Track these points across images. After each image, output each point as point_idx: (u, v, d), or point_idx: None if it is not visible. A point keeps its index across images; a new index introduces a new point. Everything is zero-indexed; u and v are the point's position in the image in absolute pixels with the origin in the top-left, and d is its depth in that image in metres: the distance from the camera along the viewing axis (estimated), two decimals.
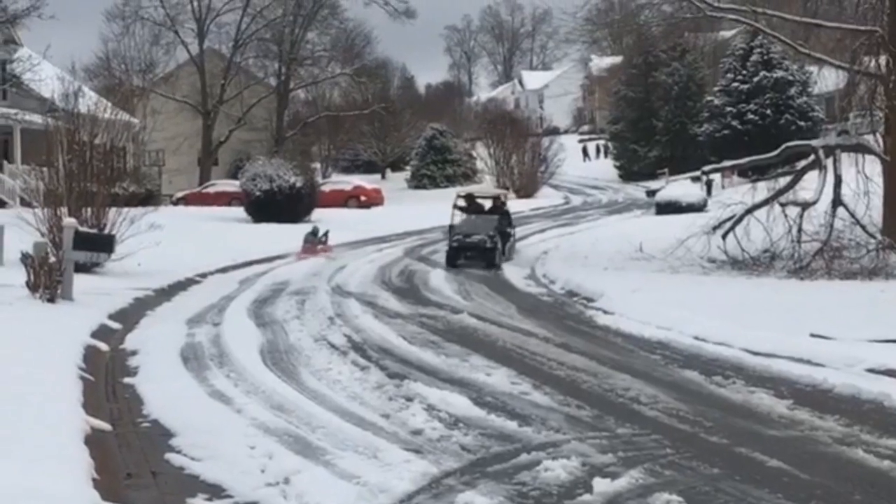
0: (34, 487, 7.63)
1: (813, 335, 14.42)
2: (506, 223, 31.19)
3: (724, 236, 24.97)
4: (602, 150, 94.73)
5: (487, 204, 33.04)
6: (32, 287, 19.23)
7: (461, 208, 32.04)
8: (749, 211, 25.10)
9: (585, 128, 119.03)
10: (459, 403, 11.28)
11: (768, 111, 60.11)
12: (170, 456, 9.76)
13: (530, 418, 10.64)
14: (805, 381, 12.22)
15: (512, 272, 26.62)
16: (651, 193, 54.34)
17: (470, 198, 33.36)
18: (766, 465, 8.79)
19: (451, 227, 30.16)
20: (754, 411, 10.90)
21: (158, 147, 66.96)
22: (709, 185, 49.73)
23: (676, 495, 7.84)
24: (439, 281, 24.82)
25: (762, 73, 60.90)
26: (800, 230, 23.76)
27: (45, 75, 40.99)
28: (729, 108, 61.54)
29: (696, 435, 9.96)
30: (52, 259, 19.85)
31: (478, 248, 28.58)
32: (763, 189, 25.70)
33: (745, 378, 12.49)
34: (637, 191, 66.56)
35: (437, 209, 53.56)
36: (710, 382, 12.38)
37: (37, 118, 39.51)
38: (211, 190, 60.30)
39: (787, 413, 10.80)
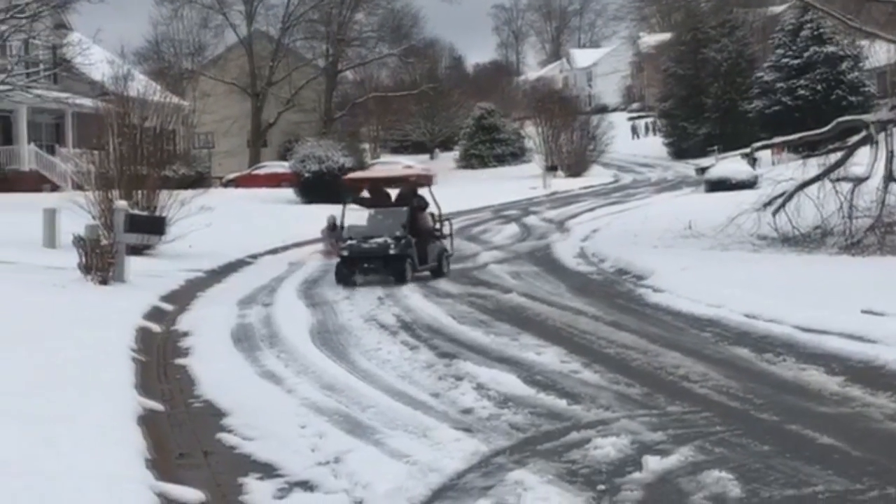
0: (89, 467, 7.73)
1: (865, 311, 14.27)
2: (427, 218, 23.13)
3: (774, 213, 24.76)
4: (651, 127, 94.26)
5: (398, 192, 23.75)
6: (85, 269, 19.47)
7: (360, 201, 23.39)
8: (800, 187, 24.85)
9: (634, 105, 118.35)
10: (509, 382, 11.29)
11: (819, 87, 59.52)
12: (222, 436, 9.85)
13: (580, 397, 10.64)
14: (857, 358, 12.10)
15: (562, 251, 26.55)
16: (701, 171, 53.96)
17: (371, 185, 24.04)
18: (818, 443, 8.74)
19: (340, 226, 22.79)
20: (805, 388, 10.83)
21: (208, 130, 67.34)
22: (754, 161, 49.34)
23: (727, 472, 7.81)
24: (489, 260, 24.82)
25: (813, 49, 60.29)
26: (851, 206, 23.51)
27: (95, 59, 41.35)
28: (779, 84, 61.00)
29: (746, 412, 9.91)
30: (105, 242, 20.06)
31: (378, 257, 21.35)
32: (814, 165, 25.42)
33: (796, 355, 12.40)
34: (687, 168, 66.11)
35: (486, 189, 53.71)
36: (760, 360, 12.31)
37: (88, 102, 39.89)
38: (260, 172, 60.55)
39: (838, 390, 10.71)
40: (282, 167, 56.72)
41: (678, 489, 7.64)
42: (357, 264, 21.48)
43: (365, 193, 23.56)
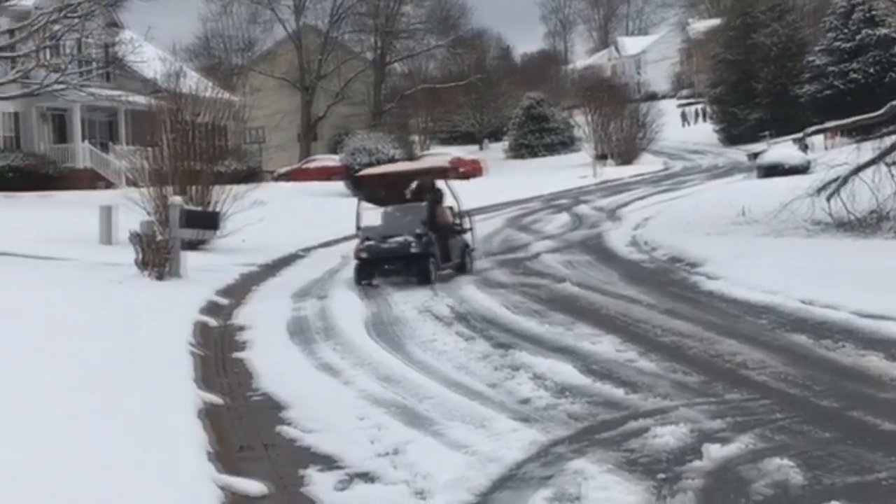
0: (152, 461, 7.83)
1: None
2: (446, 213, 21.86)
3: (829, 198, 24.52)
4: (702, 114, 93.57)
5: (413, 187, 22.25)
6: (142, 265, 19.66)
7: (374, 199, 22.11)
8: (855, 171, 24.59)
9: (684, 92, 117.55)
10: (566, 372, 11.29)
11: (872, 69, 58.86)
12: (281, 428, 9.94)
13: (637, 385, 10.62)
14: None
15: (614, 239, 26.45)
16: (753, 157, 53.52)
17: (384, 181, 22.85)
18: (880, 429, 8.67)
19: (358, 227, 21.11)
20: (866, 374, 10.74)
21: (259, 124, 67.64)
22: (806, 147, 48.87)
23: (788, 460, 7.78)
24: (541, 250, 24.79)
25: (865, 31, 59.61)
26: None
27: (147, 57, 41.68)
28: (831, 68, 60.39)
29: (806, 399, 9.85)
30: (161, 238, 20.24)
31: (399, 257, 20.03)
32: (869, 149, 25.17)
33: (855, 341, 12.30)
34: (738, 154, 65.60)
35: (536, 178, 53.64)
36: (819, 346, 12.22)
37: (141, 99, 40.21)
38: (311, 165, 60.80)
39: None
40: (332, 160, 56.95)
41: (739, 477, 7.62)
42: (377, 266, 20.11)
43: (377, 189, 22.29)
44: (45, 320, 14.07)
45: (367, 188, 22.55)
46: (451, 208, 22.05)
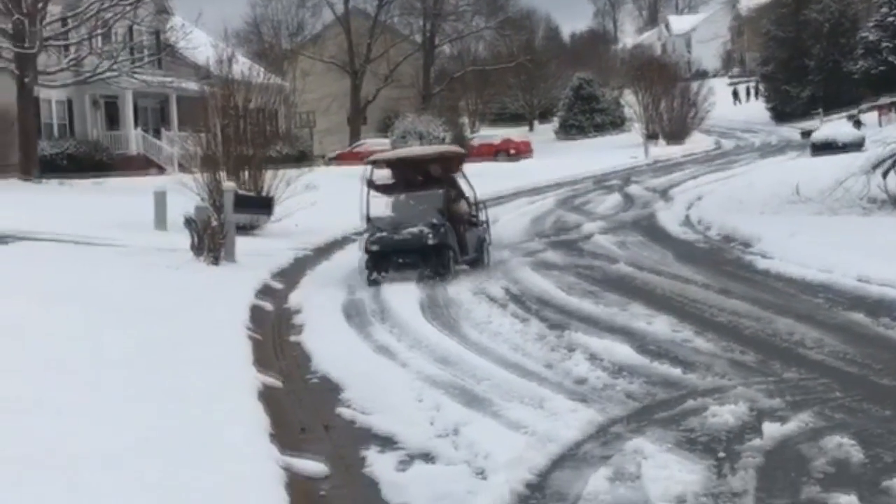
0: (217, 441, 7.94)
1: None
2: (461, 203, 19.93)
3: (884, 175, 24.30)
4: (753, 91, 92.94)
5: (431, 171, 20.18)
6: (197, 250, 19.81)
7: (380, 187, 20.06)
8: None
9: (735, 70, 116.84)
10: (622, 352, 11.30)
11: None
12: (340, 410, 10.03)
13: (694, 365, 10.62)
14: None
15: (667, 219, 26.36)
16: (806, 134, 53.14)
17: (396, 165, 20.80)
18: None
19: (369, 217, 19.09)
20: None
21: (309, 108, 67.88)
22: (859, 123, 48.37)
23: (848, 438, 7.77)
24: (593, 230, 24.75)
25: None
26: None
27: (197, 43, 41.94)
28: (885, 44, 59.68)
29: (865, 377, 9.82)
30: (215, 222, 20.38)
31: (414, 250, 18.15)
32: None
33: None
34: (791, 132, 65.14)
35: (586, 158, 53.51)
36: (876, 324, 12.16)
37: (192, 85, 40.47)
38: (361, 149, 60.88)
39: None
40: (381, 143, 57.00)
41: (799, 455, 7.63)
42: (389, 259, 18.21)
43: (386, 176, 20.49)
44: (105, 303, 14.21)
45: (378, 172, 20.34)
46: (466, 199, 20.20)
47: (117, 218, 26.09)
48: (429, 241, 18.09)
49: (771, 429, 8.14)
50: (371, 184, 19.62)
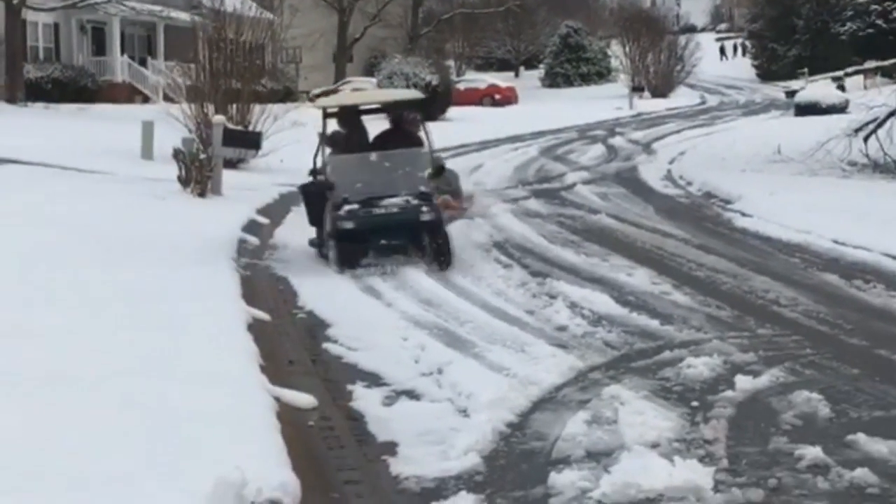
0: (211, 371, 8.20)
1: None
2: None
3: (866, 139, 24.61)
4: (740, 48, 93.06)
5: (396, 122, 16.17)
6: (184, 182, 19.98)
7: (340, 143, 15.59)
8: (893, 113, 24.64)
9: (723, 26, 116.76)
10: (602, 301, 11.60)
11: None
12: (327, 345, 10.32)
13: (672, 317, 10.93)
14: None
15: (649, 173, 26.64)
16: (791, 94, 53.38)
17: (348, 114, 16.00)
18: None
19: (323, 180, 14.91)
20: (895, 315, 11.03)
21: (295, 44, 67.59)
22: (842, 87, 48.60)
23: (817, 393, 8.09)
24: (576, 181, 25.00)
25: None
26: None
27: None
28: (874, 6, 59.67)
29: (835, 336, 10.15)
30: (203, 155, 20.53)
31: (403, 227, 14.28)
32: None
33: (886, 282, 12.55)
34: (775, 91, 65.39)
35: (571, 108, 53.62)
36: (849, 286, 12.49)
37: (181, 15, 40.35)
38: (347, 87, 60.84)
39: None
40: (368, 83, 56.93)
41: (769, 408, 7.95)
42: (370, 240, 14.19)
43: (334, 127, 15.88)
44: (93, 233, 14.38)
45: (331, 123, 15.71)
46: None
47: (104, 145, 26.21)
48: (423, 217, 14.00)
49: (743, 382, 8.45)
50: (328, 139, 15.48)
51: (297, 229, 17.77)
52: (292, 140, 25.10)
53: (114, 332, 9.19)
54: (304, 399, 8.42)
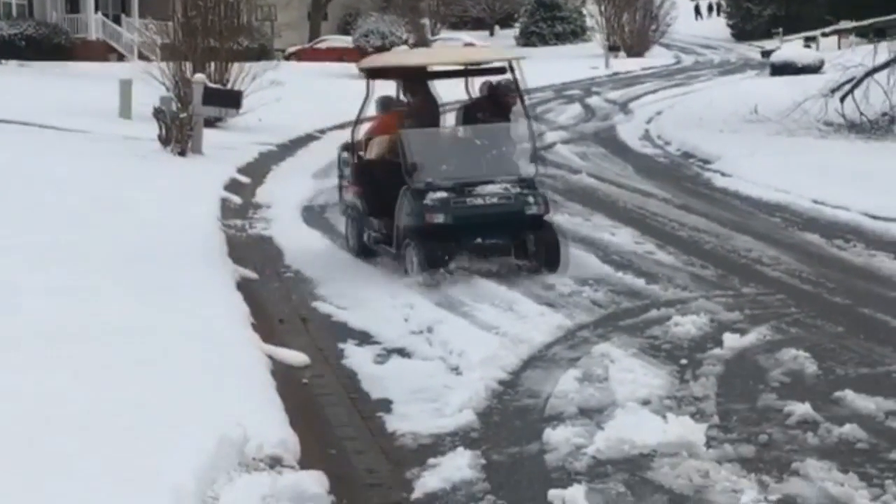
0: (204, 329, 8.26)
1: None
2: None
3: (842, 99, 24.73)
4: (715, 8, 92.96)
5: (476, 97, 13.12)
6: (165, 141, 19.94)
7: (394, 108, 12.93)
8: (869, 73, 24.74)
9: None
10: (587, 261, 11.69)
11: None
12: (316, 304, 10.39)
13: (657, 276, 11.04)
14: None
15: (627, 133, 26.73)
16: (766, 54, 53.45)
17: (414, 78, 12.79)
18: (890, 325, 9.12)
19: (407, 160, 11.28)
20: (876, 274, 11.18)
21: (270, 1, 67.17)
22: (809, 45, 48.72)
23: (803, 351, 8.21)
24: (555, 140, 25.05)
25: None
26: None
27: None
28: None
29: (819, 295, 10.29)
30: (183, 114, 20.48)
31: (508, 223, 11.34)
32: (884, 50, 25.28)
33: (866, 241, 12.71)
34: (750, 51, 65.49)
35: (547, 67, 53.44)
36: (830, 245, 12.63)
37: None
38: (322, 45, 60.57)
39: None
40: (343, 41, 56.75)
41: (757, 365, 8.07)
42: (463, 239, 11.14)
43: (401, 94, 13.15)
44: (76, 193, 14.37)
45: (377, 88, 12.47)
46: None
47: (81, 104, 26.07)
48: (529, 210, 11.27)
49: (731, 340, 8.57)
50: (388, 105, 12.97)
51: (279, 188, 17.84)
52: (271, 99, 25.10)
53: (104, 292, 9.23)
54: (296, 357, 8.51)
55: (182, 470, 5.45)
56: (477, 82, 13.12)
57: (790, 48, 48.32)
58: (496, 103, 12.72)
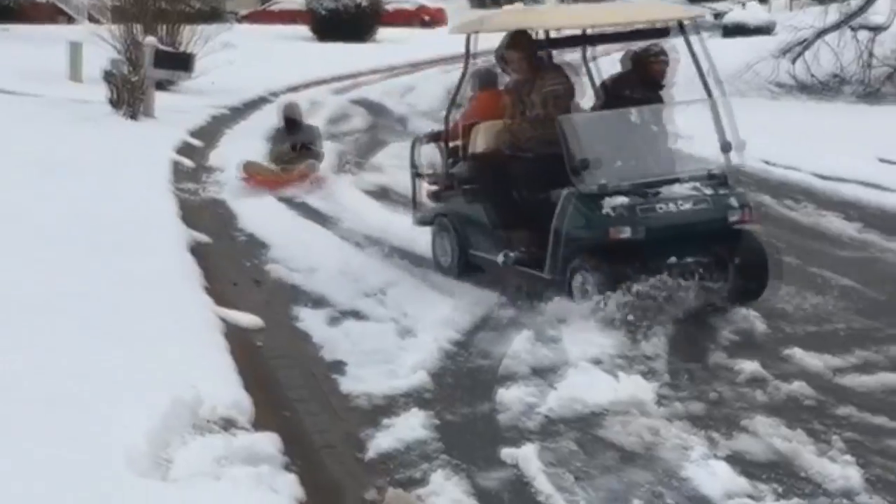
0: (156, 292, 8.28)
1: (882, 160, 14.66)
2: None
3: (793, 61, 24.88)
4: None
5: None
6: (116, 104, 19.76)
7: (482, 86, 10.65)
8: (819, 35, 24.90)
9: None
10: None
11: None
12: (269, 267, 10.36)
13: None
14: (874, 206, 12.54)
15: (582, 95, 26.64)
16: (718, 16, 53.59)
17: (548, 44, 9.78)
18: (839, 283, 9.23)
19: (584, 162, 8.52)
20: (825, 233, 11.32)
21: None
22: (743, 3, 48.82)
23: (753, 310, 8.21)
24: None
25: None
26: (870, 55, 23.61)
27: None
28: None
29: (769, 255, 10.35)
30: (134, 77, 20.29)
31: (711, 230, 8.70)
32: (835, 11, 25.41)
33: (815, 201, 12.84)
34: (702, 12, 65.56)
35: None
36: (780, 205, 12.75)
37: None
38: (274, 8, 60.11)
39: (856, 236, 11.20)
40: (296, 3, 56.25)
41: (707, 325, 8.14)
42: (655, 256, 8.47)
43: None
44: (26, 155, 14.23)
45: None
46: None
47: (30, 67, 25.74)
48: (733, 216, 8.87)
49: (681, 299, 8.61)
50: (490, 81, 10.64)
51: (231, 152, 17.71)
52: (223, 62, 24.91)
53: (53, 257, 9.17)
54: (250, 320, 8.51)
55: (135, 432, 5.45)
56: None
57: (741, 9, 48.46)
58: (646, 77, 9.92)
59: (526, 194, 9.12)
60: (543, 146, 8.99)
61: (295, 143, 14.87)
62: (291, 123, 15.19)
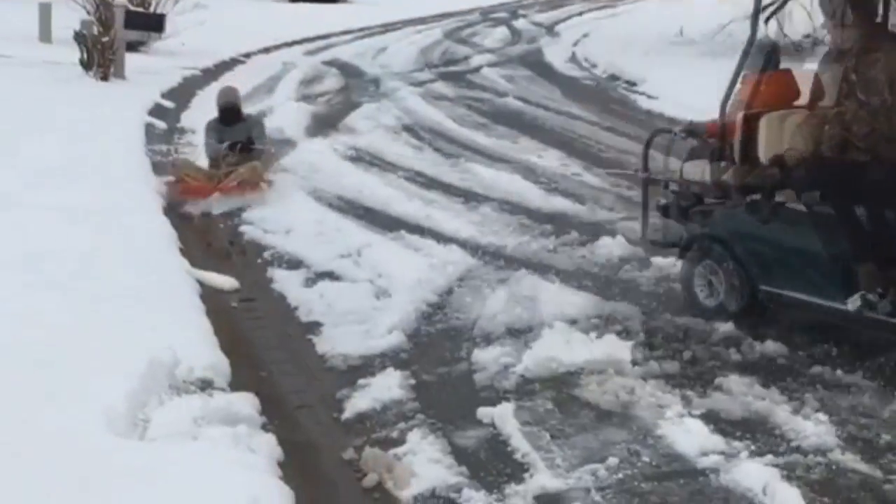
0: (132, 253, 8.26)
1: None
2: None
3: (766, 21, 24.73)
4: None
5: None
6: (87, 65, 19.61)
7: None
8: None
9: None
10: (514, 183, 11.74)
11: None
12: (244, 228, 10.35)
13: (583, 198, 11.14)
14: None
15: (553, 55, 26.67)
16: None
17: None
18: None
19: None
20: None
21: None
22: None
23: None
24: (481, 63, 24.99)
25: None
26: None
27: None
28: None
29: None
30: (105, 38, 20.13)
31: None
32: None
33: None
34: None
35: None
36: None
37: None
38: None
39: None
40: None
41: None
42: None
43: None
44: None
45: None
46: None
47: None
48: None
49: (657, 260, 8.69)
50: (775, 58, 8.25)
51: (204, 113, 17.56)
52: (195, 22, 24.74)
53: (27, 216, 9.15)
54: (225, 281, 8.51)
55: (113, 393, 5.46)
56: None
57: None
58: None
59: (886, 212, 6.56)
60: (889, 146, 6.73)
61: (233, 141, 11.88)
62: (229, 114, 12.20)
